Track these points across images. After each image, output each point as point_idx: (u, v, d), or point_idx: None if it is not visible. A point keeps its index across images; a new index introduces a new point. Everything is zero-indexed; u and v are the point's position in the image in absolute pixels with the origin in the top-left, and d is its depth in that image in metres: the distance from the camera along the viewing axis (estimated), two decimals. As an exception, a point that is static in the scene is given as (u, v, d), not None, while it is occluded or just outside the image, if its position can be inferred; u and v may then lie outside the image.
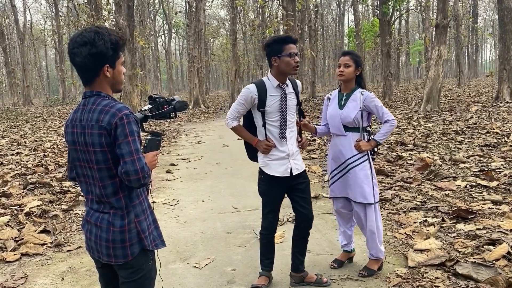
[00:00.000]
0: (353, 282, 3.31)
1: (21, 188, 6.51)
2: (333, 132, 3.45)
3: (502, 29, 16.05)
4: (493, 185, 5.54)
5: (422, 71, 46.34)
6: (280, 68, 2.97)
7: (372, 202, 3.28)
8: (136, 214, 1.89)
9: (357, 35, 35.98)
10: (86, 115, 1.82)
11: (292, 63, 2.95)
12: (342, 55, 3.36)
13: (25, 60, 40.18)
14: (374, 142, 3.31)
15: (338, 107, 3.37)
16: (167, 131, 14.61)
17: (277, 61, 2.95)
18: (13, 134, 14.97)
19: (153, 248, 1.95)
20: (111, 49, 1.82)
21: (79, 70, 1.86)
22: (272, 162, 3.09)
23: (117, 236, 1.85)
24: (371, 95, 3.30)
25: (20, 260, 4.03)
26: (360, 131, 3.32)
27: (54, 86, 67.03)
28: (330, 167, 3.52)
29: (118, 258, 1.87)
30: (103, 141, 1.77)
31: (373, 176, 3.34)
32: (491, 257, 3.42)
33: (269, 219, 3.19)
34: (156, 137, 2.04)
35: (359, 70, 3.34)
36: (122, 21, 19.49)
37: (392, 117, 3.30)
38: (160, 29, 59.08)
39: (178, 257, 3.96)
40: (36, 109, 31.00)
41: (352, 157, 3.32)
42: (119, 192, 1.85)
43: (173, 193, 6.33)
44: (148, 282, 1.97)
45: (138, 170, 1.75)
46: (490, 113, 12.97)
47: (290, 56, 2.93)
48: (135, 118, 1.83)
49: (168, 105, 2.18)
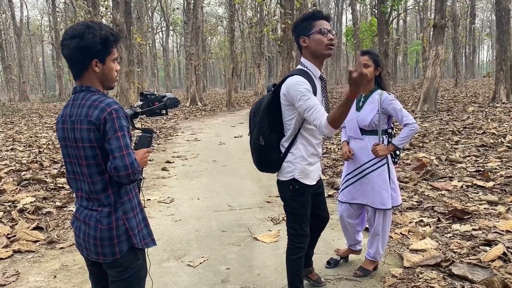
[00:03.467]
0: (348, 282, 3.28)
1: (15, 185, 6.46)
2: (350, 135, 3.31)
3: (499, 30, 16.06)
4: (489, 186, 5.53)
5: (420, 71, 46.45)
6: (310, 49, 2.52)
7: (389, 208, 3.18)
8: (124, 211, 1.86)
9: (355, 34, 36.00)
10: (75, 110, 1.80)
11: (324, 40, 2.47)
12: (361, 55, 3.15)
13: (21, 56, 39.98)
14: (393, 147, 3.12)
15: (355, 109, 3.20)
16: (163, 128, 14.56)
17: (306, 41, 2.52)
18: (8, 130, 14.88)
19: (142, 246, 1.92)
20: (100, 44, 1.79)
21: (68, 62, 1.84)
22: (311, 169, 2.62)
23: (105, 234, 1.83)
24: (390, 97, 3.13)
25: (12, 257, 3.98)
26: (378, 134, 3.16)
27: (50, 82, 66.79)
28: (345, 171, 3.36)
29: (106, 256, 1.85)
30: (92, 137, 1.75)
31: (392, 181, 3.19)
32: (486, 258, 3.41)
33: (308, 233, 2.74)
34: (147, 133, 2.03)
35: (379, 70, 3.17)
36: (120, 18, 19.40)
37: (413, 121, 3.08)
38: (157, 26, 58.91)
39: (172, 256, 3.92)
40: (32, 105, 30.87)
41: (369, 161, 3.17)
42: (109, 189, 1.83)
43: (168, 191, 6.29)
44: (137, 282, 1.94)
45: (127, 165, 1.73)
46: (486, 114, 12.99)
47: (322, 33, 2.47)
48: (125, 113, 1.80)
49: (159, 102, 2.16)
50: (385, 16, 22.72)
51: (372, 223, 3.33)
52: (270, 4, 38.37)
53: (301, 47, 2.57)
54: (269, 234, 4.30)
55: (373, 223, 3.32)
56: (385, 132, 3.22)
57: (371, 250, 3.36)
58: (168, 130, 14.23)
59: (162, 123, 16.41)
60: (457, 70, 32.28)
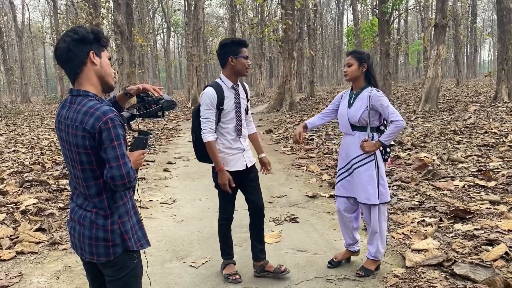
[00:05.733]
0: (350, 282, 3.29)
1: (17, 186, 6.47)
2: (342, 130, 3.44)
3: (500, 29, 16.05)
4: (491, 185, 5.53)
5: (421, 70, 46.38)
6: (235, 68, 3.18)
7: (376, 203, 3.24)
8: (119, 215, 1.88)
9: (356, 34, 35.99)
10: (71, 114, 1.81)
11: (246, 64, 3.20)
12: (346, 56, 3.37)
13: (23, 58, 40.08)
14: (379, 143, 3.21)
15: (347, 105, 3.34)
16: (165, 129, 14.58)
17: (234, 61, 3.16)
18: (11, 132, 14.92)
19: (138, 248, 1.94)
20: (93, 34, 1.84)
21: (65, 64, 1.84)
22: (229, 158, 3.25)
23: (100, 234, 1.84)
24: (379, 94, 3.21)
25: (15, 259, 3.99)
26: (367, 131, 3.26)
27: (52, 84, 66.88)
28: (339, 165, 3.49)
29: (100, 256, 1.86)
30: (87, 144, 1.76)
31: (380, 177, 3.26)
32: (488, 258, 3.41)
33: (229, 209, 3.40)
34: (143, 136, 2.03)
35: (365, 65, 3.27)
36: (121, 19, 19.44)
37: (399, 118, 3.13)
38: (159, 27, 58.98)
39: (175, 256, 3.93)
40: (34, 107, 30.92)
41: (357, 157, 3.28)
42: (103, 193, 1.84)
43: (170, 192, 6.30)
44: (134, 280, 1.96)
45: (124, 175, 1.75)
46: (488, 113, 12.97)
47: (245, 58, 3.18)
48: (120, 121, 1.81)
49: (156, 104, 2.15)
50: (386, 16, 22.67)
51: (368, 222, 3.36)
52: (271, 5, 38.39)
53: (226, 64, 3.19)
54: (271, 234, 4.30)
55: (369, 222, 3.34)
56: (377, 129, 3.30)
57: (371, 249, 3.37)
58: (170, 131, 14.25)
59: (164, 124, 16.43)
60: (459, 69, 32.26)
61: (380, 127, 3.32)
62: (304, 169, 7.42)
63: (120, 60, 20.01)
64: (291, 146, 9.93)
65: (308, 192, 5.88)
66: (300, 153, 9.07)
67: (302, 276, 3.42)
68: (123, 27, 19.51)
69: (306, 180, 6.66)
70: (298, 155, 8.87)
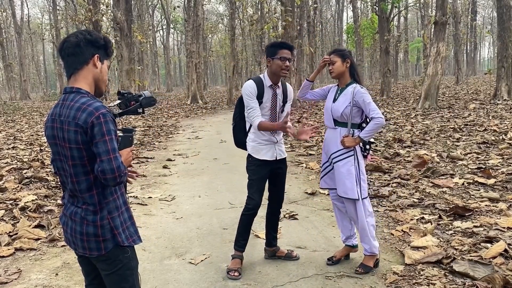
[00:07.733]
0: (349, 279, 3.29)
1: (16, 183, 6.46)
2: (326, 124, 3.52)
3: (500, 27, 16.02)
4: (490, 183, 5.53)
5: (421, 68, 46.37)
6: (272, 69, 3.33)
7: (355, 198, 3.28)
8: (109, 211, 1.90)
9: (356, 31, 35.95)
10: (64, 110, 1.85)
11: (282, 65, 3.29)
12: (328, 55, 3.45)
13: (22, 54, 39.97)
14: (359, 139, 3.28)
15: (332, 100, 3.43)
16: (164, 126, 14.56)
17: (270, 62, 3.33)
18: (10, 129, 14.90)
19: (130, 243, 1.96)
20: (104, 41, 1.93)
21: (68, 58, 1.88)
22: (261, 147, 3.42)
23: (91, 230, 1.88)
24: (362, 90, 3.28)
25: (14, 255, 3.99)
26: (347, 127, 3.33)
27: (51, 80, 66.74)
28: (323, 160, 3.60)
29: (92, 250, 1.90)
30: (79, 139, 1.80)
31: (360, 172, 3.32)
32: (488, 255, 3.41)
33: (256, 199, 3.42)
34: (128, 133, 2.06)
35: (348, 61, 3.37)
36: (120, 16, 19.38)
37: (379, 115, 3.18)
38: (158, 24, 58.85)
39: (174, 253, 3.93)
40: (33, 104, 30.87)
41: (337, 151, 3.36)
42: (93, 189, 1.88)
43: (170, 189, 6.30)
44: (129, 273, 1.98)
45: (114, 169, 1.78)
46: (488, 111, 12.97)
47: (281, 60, 3.28)
48: (112, 117, 1.86)
49: (135, 101, 2.20)
50: (386, 13, 22.66)
51: (354, 218, 3.40)
52: (271, 1, 38.30)
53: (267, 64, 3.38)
54: (270, 231, 4.29)
55: (355, 218, 3.38)
56: (358, 125, 3.37)
57: (365, 246, 3.39)
58: (169, 128, 14.23)
59: (163, 121, 16.42)
60: (458, 67, 32.23)
61: (362, 124, 3.38)
62: (303, 166, 7.42)
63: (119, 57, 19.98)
64: (290, 143, 9.92)
65: (307, 189, 5.88)
66: (299, 150, 9.06)
67: (301, 273, 3.42)
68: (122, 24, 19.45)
69: (306, 177, 6.66)
70: (298, 152, 8.87)
